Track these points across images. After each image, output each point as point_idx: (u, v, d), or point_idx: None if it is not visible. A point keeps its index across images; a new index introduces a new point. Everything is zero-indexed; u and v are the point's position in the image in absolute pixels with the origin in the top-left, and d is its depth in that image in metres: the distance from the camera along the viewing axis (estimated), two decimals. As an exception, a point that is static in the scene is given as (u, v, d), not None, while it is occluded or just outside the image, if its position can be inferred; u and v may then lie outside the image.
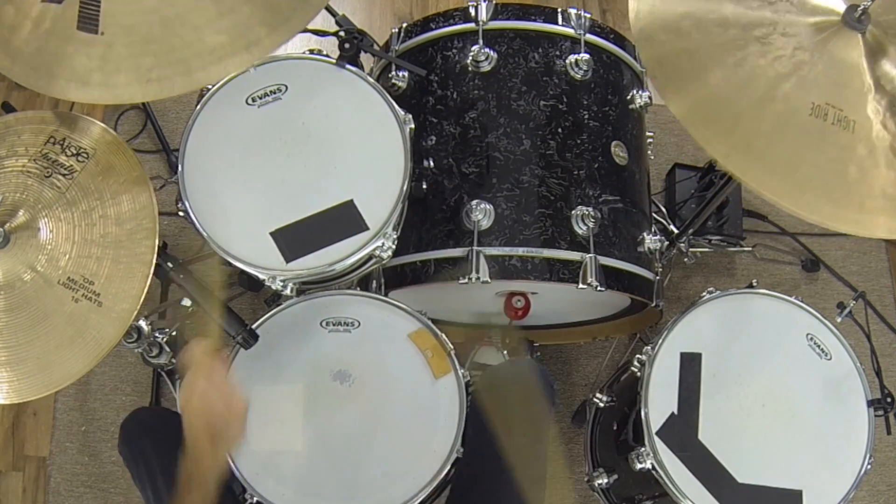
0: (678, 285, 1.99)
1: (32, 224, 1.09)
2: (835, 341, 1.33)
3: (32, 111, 1.19)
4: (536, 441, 1.23)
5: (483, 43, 1.42)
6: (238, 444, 1.12)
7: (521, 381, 1.27)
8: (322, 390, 1.24)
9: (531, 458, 1.22)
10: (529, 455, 1.22)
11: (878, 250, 2.10)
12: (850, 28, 1.11)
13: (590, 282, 1.29)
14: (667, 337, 1.31)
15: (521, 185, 1.35)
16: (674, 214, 1.88)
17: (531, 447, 1.22)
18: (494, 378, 1.29)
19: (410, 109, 1.31)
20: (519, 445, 1.21)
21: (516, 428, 1.22)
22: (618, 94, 1.49)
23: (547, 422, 1.26)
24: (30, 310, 1.05)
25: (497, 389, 1.27)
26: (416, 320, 1.29)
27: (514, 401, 1.24)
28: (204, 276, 1.20)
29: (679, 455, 1.23)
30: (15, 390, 1.04)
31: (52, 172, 1.12)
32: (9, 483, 1.79)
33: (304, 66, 1.31)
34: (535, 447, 1.23)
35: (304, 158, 1.25)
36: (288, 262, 1.20)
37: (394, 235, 1.24)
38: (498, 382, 1.28)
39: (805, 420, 1.26)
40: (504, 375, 1.30)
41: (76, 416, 1.81)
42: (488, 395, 1.26)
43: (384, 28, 2.20)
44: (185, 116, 1.31)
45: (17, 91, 2.03)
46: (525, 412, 1.24)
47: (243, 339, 1.18)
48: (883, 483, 1.89)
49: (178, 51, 1.08)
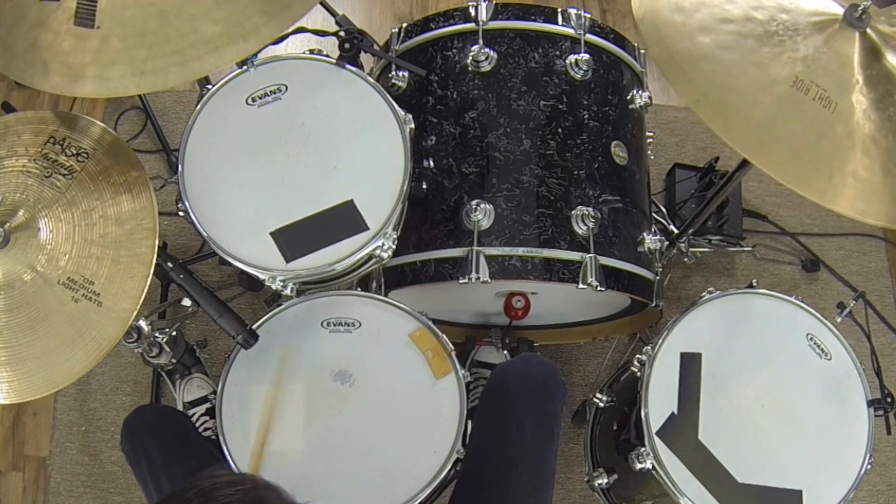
0: (678, 285, 1.99)
1: (32, 224, 1.09)
2: (835, 341, 1.33)
3: (32, 111, 1.19)
4: (548, 439, 1.22)
5: (483, 43, 1.42)
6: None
7: (534, 379, 1.26)
8: (322, 390, 1.24)
9: (541, 457, 1.21)
10: (540, 454, 1.21)
11: (878, 250, 2.10)
12: (850, 26, 1.12)
13: (590, 282, 1.29)
14: (667, 337, 1.31)
15: (521, 185, 1.35)
16: (674, 214, 1.88)
17: (542, 446, 1.21)
18: (506, 375, 1.27)
19: (410, 109, 1.31)
20: (530, 444, 1.20)
21: (528, 426, 1.20)
22: (618, 93, 1.49)
23: (559, 421, 1.24)
24: (30, 310, 1.05)
25: (509, 386, 1.25)
26: (416, 321, 1.29)
27: (526, 398, 1.23)
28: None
29: (679, 455, 1.23)
30: (15, 390, 1.04)
31: (52, 172, 1.12)
32: (9, 483, 1.79)
33: (304, 66, 1.31)
34: (547, 446, 1.22)
35: (304, 158, 1.25)
36: (288, 262, 1.20)
37: (394, 235, 1.24)
38: (510, 379, 1.26)
39: (805, 420, 1.26)
40: (516, 372, 1.28)
41: (76, 416, 1.81)
42: (500, 391, 1.26)
43: (384, 28, 2.21)
44: (185, 116, 1.31)
45: (17, 91, 2.03)
46: (537, 410, 1.22)
47: (243, 339, 1.18)
48: (883, 483, 1.89)
49: (173, 42, 1.07)
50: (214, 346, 1.83)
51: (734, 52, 1.11)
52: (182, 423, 1.34)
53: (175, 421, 1.33)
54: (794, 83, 1.09)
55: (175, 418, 1.34)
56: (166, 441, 1.23)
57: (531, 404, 1.22)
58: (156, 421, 1.27)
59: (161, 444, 1.22)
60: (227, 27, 1.07)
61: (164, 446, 1.22)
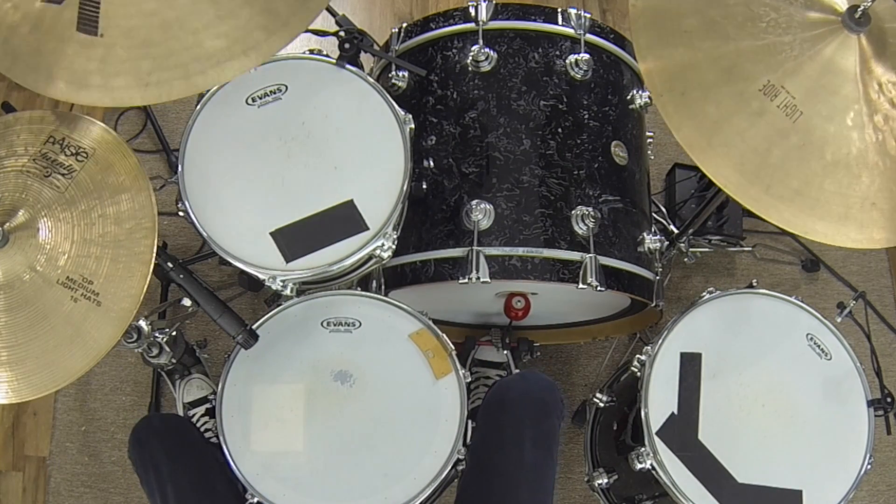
0: (678, 285, 1.99)
1: (32, 224, 1.09)
2: (835, 341, 1.33)
3: (32, 111, 1.19)
4: (547, 456, 1.23)
5: (483, 43, 1.42)
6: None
7: (532, 396, 1.26)
8: (323, 391, 1.24)
9: (542, 476, 1.22)
10: (540, 474, 1.22)
11: (879, 250, 2.10)
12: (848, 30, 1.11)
13: (590, 282, 1.29)
14: (667, 337, 1.31)
15: (521, 185, 1.35)
16: (674, 214, 1.88)
17: (541, 462, 1.22)
18: (505, 392, 1.28)
19: (410, 109, 1.31)
20: (529, 461, 1.21)
21: (527, 444, 1.21)
22: (618, 93, 1.49)
23: (557, 437, 1.25)
24: (29, 309, 1.05)
25: (508, 404, 1.26)
26: (416, 320, 1.29)
27: (525, 417, 1.24)
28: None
29: (679, 455, 1.23)
30: (15, 390, 1.04)
31: (52, 172, 1.12)
32: (9, 483, 1.79)
33: (304, 66, 1.31)
34: (546, 462, 1.22)
35: (304, 158, 1.25)
36: (288, 262, 1.20)
37: (394, 235, 1.24)
38: (508, 397, 1.27)
39: (805, 420, 1.26)
40: (515, 389, 1.29)
41: (76, 416, 1.81)
42: (499, 408, 1.26)
43: (384, 28, 2.21)
44: (185, 116, 1.32)
45: (17, 91, 2.03)
46: (536, 428, 1.23)
47: (243, 339, 1.18)
48: (883, 483, 1.89)
49: (177, 55, 1.08)
50: (214, 346, 1.83)
51: (712, 44, 1.10)
52: (190, 432, 1.34)
53: (183, 430, 1.33)
54: (763, 87, 1.09)
55: (183, 427, 1.35)
56: (175, 451, 1.23)
57: (530, 423, 1.23)
58: (164, 430, 1.28)
59: (170, 454, 1.22)
60: (229, 42, 1.08)
61: (173, 456, 1.22)
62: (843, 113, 1.09)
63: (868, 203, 1.09)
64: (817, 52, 1.10)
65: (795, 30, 1.11)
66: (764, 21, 1.11)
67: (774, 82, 1.09)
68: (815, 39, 1.11)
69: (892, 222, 1.10)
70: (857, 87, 1.10)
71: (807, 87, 1.09)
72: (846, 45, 1.10)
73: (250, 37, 1.09)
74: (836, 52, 1.10)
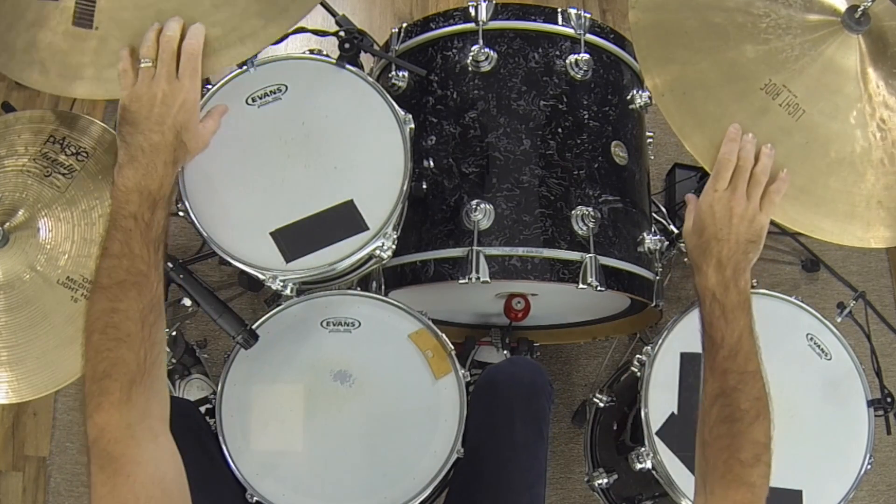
0: (678, 285, 1.99)
1: (32, 223, 1.09)
2: (835, 341, 1.32)
3: (32, 111, 1.19)
4: (538, 438, 1.23)
5: (483, 43, 1.42)
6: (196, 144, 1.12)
7: (521, 379, 1.27)
8: (322, 390, 1.24)
9: (532, 455, 1.22)
10: (530, 453, 1.22)
11: (879, 250, 2.10)
12: (848, 30, 1.11)
13: (590, 282, 1.29)
14: (667, 337, 1.31)
15: (521, 185, 1.35)
16: (674, 214, 1.88)
17: (532, 443, 1.22)
18: (494, 376, 1.29)
19: (410, 109, 1.31)
20: (520, 442, 1.21)
21: (517, 425, 1.22)
22: (618, 93, 1.49)
23: (547, 419, 1.26)
24: (29, 309, 1.05)
25: (497, 387, 1.27)
26: (416, 320, 1.29)
27: (514, 399, 1.24)
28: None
29: (679, 455, 1.23)
30: (15, 390, 1.04)
31: (52, 172, 1.12)
32: (9, 483, 1.79)
33: (304, 66, 1.31)
34: (537, 443, 1.23)
35: (304, 158, 1.25)
36: (288, 262, 1.20)
37: (394, 235, 1.24)
38: (497, 381, 1.28)
39: (805, 420, 1.26)
40: (503, 374, 1.30)
41: (76, 416, 1.81)
42: (488, 393, 1.27)
43: (384, 28, 2.21)
44: (185, 116, 1.31)
45: (17, 91, 2.03)
46: (526, 409, 1.24)
47: (243, 339, 1.18)
48: (883, 483, 1.89)
49: None
50: (214, 346, 1.83)
51: (713, 45, 1.11)
52: (194, 415, 1.34)
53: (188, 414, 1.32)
54: (764, 86, 1.09)
55: (188, 410, 1.34)
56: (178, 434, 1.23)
57: (519, 404, 1.24)
58: (172, 413, 1.27)
59: (179, 439, 1.22)
60: (226, 30, 1.07)
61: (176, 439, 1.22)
62: (845, 111, 1.09)
63: (874, 201, 1.09)
64: (818, 52, 1.10)
65: (795, 31, 1.11)
66: (764, 23, 1.11)
67: (776, 81, 1.09)
68: (816, 40, 1.11)
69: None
70: (858, 86, 1.10)
71: (808, 87, 1.09)
72: (846, 45, 1.10)
73: (247, 24, 1.08)
74: (836, 52, 1.10)
